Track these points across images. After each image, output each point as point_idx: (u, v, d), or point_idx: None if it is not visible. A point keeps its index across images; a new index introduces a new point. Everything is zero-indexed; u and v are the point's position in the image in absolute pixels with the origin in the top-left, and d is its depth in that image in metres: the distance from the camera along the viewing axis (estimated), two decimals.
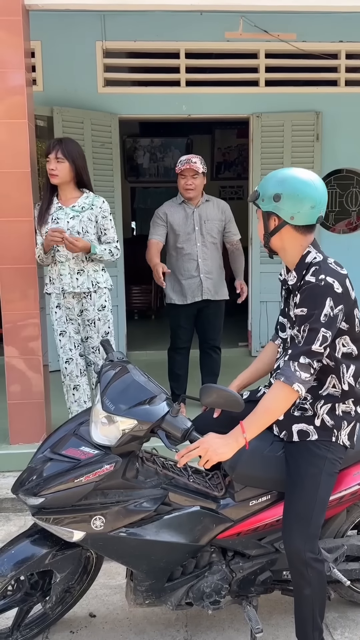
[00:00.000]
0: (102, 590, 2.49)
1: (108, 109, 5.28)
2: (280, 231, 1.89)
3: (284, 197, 1.83)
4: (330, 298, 1.78)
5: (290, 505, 1.91)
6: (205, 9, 3.53)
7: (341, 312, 1.82)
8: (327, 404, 1.94)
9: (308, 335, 1.79)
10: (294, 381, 1.78)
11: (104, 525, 1.87)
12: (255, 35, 4.86)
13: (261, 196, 1.88)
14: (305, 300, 1.82)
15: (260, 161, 5.44)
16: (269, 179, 1.89)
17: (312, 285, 1.81)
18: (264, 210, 1.89)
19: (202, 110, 5.45)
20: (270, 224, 1.89)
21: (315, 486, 1.88)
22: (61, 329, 3.36)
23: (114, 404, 1.84)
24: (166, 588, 2.01)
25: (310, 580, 1.87)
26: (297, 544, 1.85)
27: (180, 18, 4.87)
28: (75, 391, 3.38)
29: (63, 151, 3.17)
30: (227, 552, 2.09)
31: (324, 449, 1.92)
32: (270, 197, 1.85)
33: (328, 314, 1.78)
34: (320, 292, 1.79)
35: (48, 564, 1.98)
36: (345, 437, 1.96)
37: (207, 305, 3.90)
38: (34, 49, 4.93)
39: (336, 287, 1.80)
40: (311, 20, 5.01)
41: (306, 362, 1.79)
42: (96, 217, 3.30)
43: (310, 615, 1.91)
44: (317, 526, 1.89)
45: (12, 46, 3.21)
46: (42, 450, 1.97)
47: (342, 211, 5.89)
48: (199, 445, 1.80)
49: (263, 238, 1.95)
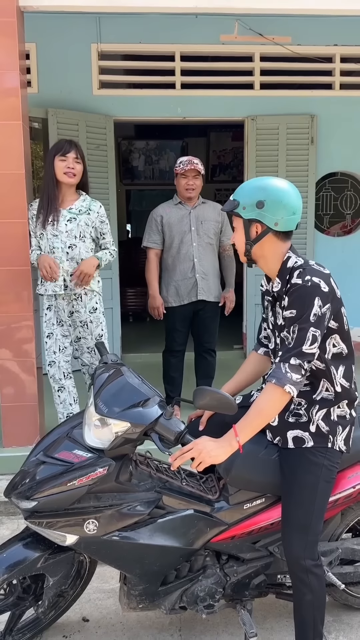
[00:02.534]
0: (96, 594, 2.48)
1: (103, 111, 5.28)
2: (262, 239, 1.89)
3: (267, 203, 1.83)
4: (318, 297, 1.79)
5: (289, 513, 1.90)
6: (201, 12, 3.53)
7: (329, 310, 1.83)
8: (322, 409, 1.93)
9: (298, 336, 1.79)
10: (285, 383, 1.78)
11: (97, 529, 1.85)
12: (250, 38, 4.87)
13: (241, 204, 1.86)
14: (294, 302, 1.82)
15: (256, 164, 5.45)
16: (249, 187, 1.89)
17: (299, 286, 1.82)
18: (246, 218, 1.87)
19: (197, 113, 5.46)
20: (252, 232, 1.89)
21: (313, 494, 1.88)
22: (49, 331, 3.36)
23: (107, 406, 1.83)
24: (160, 592, 2.00)
25: (311, 586, 1.87)
26: (297, 551, 1.85)
27: (176, 21, 4.87)
28: (60, 393, 3.39)
29: (80, 152, 3.22)
30: (221, 556, 2.09)
31: (320, 456, 1.91)
32: (253, 205, 1.85)
33: (317, 314, 1.79)
34: (308, 292, 1.80)
35: (40, 568, 1.96)
36: (341, 442, 1.95)
37: (203, 308, 3.89)
38: (29, 50, 4.92)
39: (322, 286, 1.82)
40: (306, 24, 5.03)
41: (297, 363, 1.78)
42: (93, 222, 3.32)
43: (311, 621, 1.91)
44: (316, 533, 1.89)
45: (7, 48, 3.20)
46: (35, 454, 1.96)
47: (337, 214, 5.90)
48: (192, 447, 1.79)
49: (244, 247, 1.92)
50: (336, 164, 5.66)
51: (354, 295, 5.79)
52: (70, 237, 3.23)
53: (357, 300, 5.75)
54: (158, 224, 3.84)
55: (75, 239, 3.25)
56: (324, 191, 5.80)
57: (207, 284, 3.85)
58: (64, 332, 3.36)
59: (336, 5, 3.42)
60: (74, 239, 3.24)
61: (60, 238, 3.22)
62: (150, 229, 3.88)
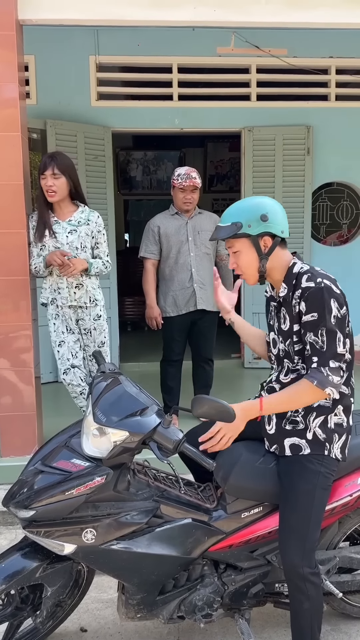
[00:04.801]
0: (94, 604, 2.47)
1: (101, 122, 5.33)
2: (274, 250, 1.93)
3: (270, 215, 1.90)
4: (333, 299, 1.85)
5: (286, 521, 1.91)
6: (198, 25, 3.57)
7: (346, 312, 1.88)
8: (320, 417, 1.95)
9: (329, 339, 1.83)
10: (326, 385, 1.82)
11: (95, 538, 1.86)
12: (246, 50, 4.93)
13: (245, 223, 1.89)
14: (312, 305, 1.85)
15: (252, 174, 5.49)
16: (245, 207, 1.92)
17: (313, 289, 1.85)
18: (255, 235, 1.89)
19: (194, 124, 5.50)
20: (262, 245, 1.92)
21: (310, 501, 1.89)
22: (60, 339, 3.39)
23: (105, 415, 1.84)
24: (158, 601, 1.99)
25: (308, 594, 1.88)
26: (295, 559, 1.86)
27: (173, 33, 4.93)
28: (83, 396, 3.40)
29: (59, 166, 3.23)
30: (219, 565, 2.09)
31: (317, 464, 1.92)
32: (258, 220, 1.89)
33: (336, 316, 1.84)
34: (324, 295, 1.84)
35: (39, 578, 1.96)
36: (338, 451, 1.96)
37: (201, 318, 3.91)
38: (28, 62, 4.97)
39: (334, 289, 1.87)
40: (302, 36, 5.09)
41: (336, 366, 1.83)
42: (92, 232, 3.37)
43: (308, 629, 1.91)
44: (314, 541, 1.90)
45: (6, 60, 3.23)
46: (33, 463, 1.96)
47: (333, 224, 5.94)
48: (219, 427, 1.88)
49: (258, 264, 1.93)
50: (332, 174, 5.71)
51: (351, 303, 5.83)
52: (71, 249, 3.29)
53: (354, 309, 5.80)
54: (155, 234, 3.86)
55: (77, 250, 3.30)
56: (321, 201, 5.84)
57: (206, 293, 3.87)
58: (74, 339, 3.39)
59: (331, 19, 3.47)
60: (75, 250, 3.30)
61: (60, 250, 3.26)
62: (147, 240, 3.90)
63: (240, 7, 3.38)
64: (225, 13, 3.37)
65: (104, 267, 3.41)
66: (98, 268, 3.37)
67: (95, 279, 3.41)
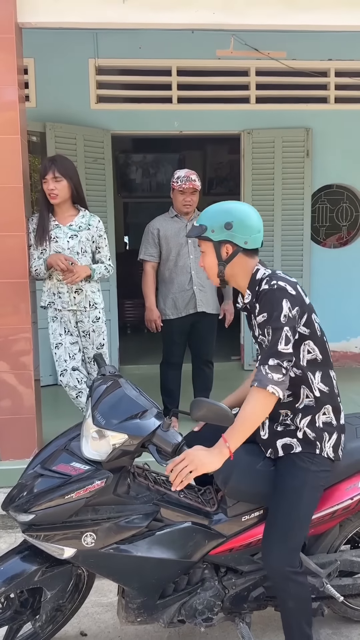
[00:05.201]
0: (94, 608, 2.46)
1: (101, 125, 5.33)
2: (234, 259, 1.95)
3: (235, 224, 1.91)
4: (286, 299, 1.85)
5: (271, 518, 1.92)
6: (197, 28, 3.58)
7: (298, 313, 1.87)
8: (306, 417, 1.97)
9: (272, 336, 1.83)
10: (267, 384, 1.80)
11: (95, 541, 1.85)
12: (246, 53, 4.93)
13: (209, 228, 1.93)
14: (264, 306, 1.88)
15: (252, 177, 5.49)
16: (213, 212, 1.96)
17: (267, 290, 1.88)
18: (216, 241, 1.93)
19: (193, 127, 5.51)
20: (222, 253, 1.95)
21: (297, 499, 1.89)
22: (57, 341, 3.38)
23: (105, 418, 1.83)
24: (158, 605, 1.99)
25: (292, 593, 1.88)
26: (276, 558, 1.86)
27: (172, 36, 4.93)
28: (80, 398, 3.39)
29: (60, 169, 3.24)
30: (220, 569, 2.08)
31: (307, 462, 1.94)
32: (222, 227, 1.92)
33: (287, 315, 1.84)
34: (275, 295, 1.86)
35: (38, 581, 1.95)
36: (330, 449, 1.97)
37: (200, 320, 3.90)
38: (27, 65, 4.97)
39: (289, 289, 1.87)
40: (301, 39, 5.09)
41: (275, 363, 1.81)
42: (93, 236, 3.38)
43: (296, 626, 1.92)
44: (298, 541, 1.90)
45: (5, 63, 3.23)
46: (32, 466, 1.95)
47: (333, 226, 5.94)
48: (185, 456, 1.79)
49: (217, 269, 1.98)
50: (331, 177, 5.71)
51: (350, 305, 5.84)
52: (72, 254, 3.29)
53: (354, 310, 5.80)
54: (155, 236, 3.86)
55: (78, 255, 3.31)
56: (320, 203, 5.84)
57: (205, 296, 3.87)
58: (72, 340, 3.39)
59: (330, 22, 3.47)
60: (76, 255, 3.30)
61: (64, 255, 3.26)
62: (146, 242, 3.90)
63: (239, 10, 3.38)
64: (224, 16, 3.37)
65: (106, 271, 3.43)
66: (101, 273, 3.39)
67: (95, 283, 3.41)
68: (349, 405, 4.40)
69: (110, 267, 3.47)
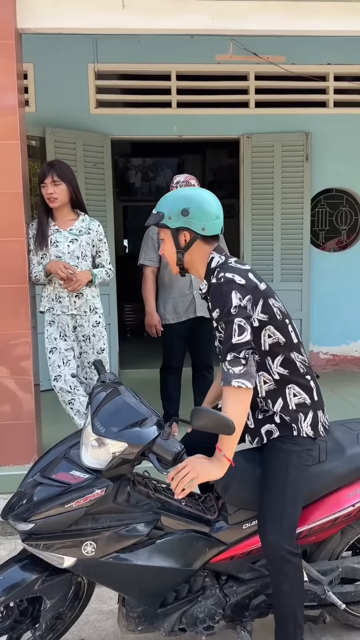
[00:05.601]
0: (94, 615, 2.45)
1: (100, 129, 5.33)
2: (192, 246, 1.94)
3: (192, 211, 1.89)
4: (235, 291, 1.83)
5: (263, 501, 1.92)
6: (196, 33, 3.58)
7: (249, 302, 1.85)
8: (277, 400, 1.96)
9: (226, 331, 1.82)
10: (230, 380, 1.78)
11: (95, 550, 1.84)
12: (245, 57, 4.93)
13: (166, 215, 1.91)
14: (214, 302, 1.87)
15: (251, 181, 5.50)
16: (171, 198, 1.94)
17: (215, 285, 1.87)
18: (174, 228, 1.91)
19: (193, 131, 5.52)
20: (180, 240, 1.93)
21: (284, 479, 1.90)
22: (52, 345, 3.36)
23: (104, 426, 1.82)
24: (159, 614, 1.97)
25: (288, 574, 1.88)
26: (273, 539, 1.86)
27: (171, 41, 4.94)
28: (72, 405, 3.36)
29: (58, 173, 3.24)
30: (221, 576, 2.07)
31: (288, 443, 1.95)
32: (178, 214, 1.90)
33: (237, 305, 1.81)
34: (223, 289, 1.84)
35: (37, 590, 1.94)
36: (308, 428, 1.97)
37: (200, 325, 3.89)
38: (27, 70, 4.98)
39: (237, 279, 1.85)
40: (300, 43, 5.10)
41: (232, 357, 1.80)
42: (93, 240, 3.38)
43: (290, 612, 1.92)
44: (292, 521, 1.90)
45: (5, 68, 3.24)
46: (32, 474, 1.94)
47: (332, 230, 5.94)
48: (186, 464, 1.79)
49: (176, 256, 1.96)
50: (331, 181, 5.72)
51: (350, 309, 5.83)
52: (72, 258, 3.29)
53: (353, 314, 5.80)
54: (154, 241, 3.85)
55: (78, 259, 3.30)
56: (320, 207, 5.84)
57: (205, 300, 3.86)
58: (67, 346, 3.37)
59: (328, 27, 3.48)
60: (77, 259, 3.30)
61: (64, 259, 3.27)
62: (146, 247, 3.89)
63: (239, 16, 3.39)
64: (223, 21, 3.38)
65: (106, 275, 3.43)
66: (101, 278, 3.39)
67: (95, 287, 3.41)
68: (349, 410, 4.41)
69: (110, 271, 3.47)
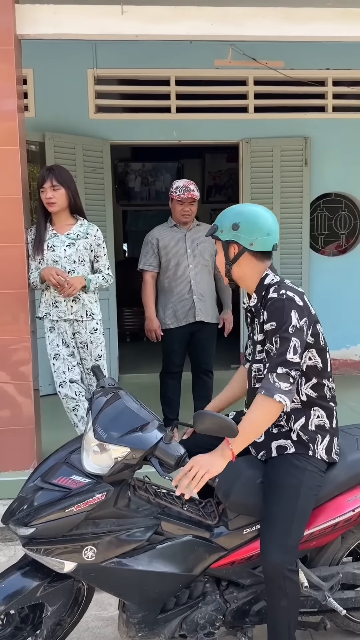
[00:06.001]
0: (94, 622, 2.44)
1: (99, 134, 5.34)
2: (240, 259, 2.00)
3: (242, 225, 1.97)
4: (294, 310, 1.89)
5: (269, 517, 1.90)
6: (195, 39, 3.60)
7: (306, 324, 1.91)
8: (299, 419, 2.00)
9: (281, 345, 1.87)
10: (274, 393, 1.83)
11: (96, 555, 1.83)
12: (244, 63, 4.95)
13: (220, 228, 2.01)
14: (272, 315, 1.91)
15: (250, 185, 5.51)
16: (227, 213, 2.04)
17: (275, 299, 1.92)
18: (224, 240, 2.00)
19: (192, 136, 5.53)
20: (230, 253, 2.01)
21: (295, 497, 1.89)
22: (55, 352, 3.36)
23: (106, 431, 1.82)
24: (159, 620, 1.97)
25: (287, 592, 1.87)
26: (275, 557, 1.85)
27: (171, 46, 4.96)
28: (76, 412, 3.36)
29: (57, 178, 3.25)
30: (221, 582, 2.06)
31: (303, 461, 1.96)
32: (230, 227, 1.98)
33: (295, 325, 1.87)
34: (284, 305, 1.90)
35: (39, 597, 1.93)
36: (323, 451, 1.99)
37: (200, 329, 3.90)
38: (26, 76, 4.99)
39: (297, 300, 1.92)
40: (298, 49, 5.12)
41: (283, 372, 1.85)
42: (91, 245, 3.37)
43: (285, 627, 1.92)
44: (296, 539, 1.89)
45: (4, 74, 3.25)
46: (32, 479, 1.94)
47: (332, 234, 5.96)
48: (192, 464, 1.80)
49: (224, 267, 2.05)
50: (330, 185, 5.73)
51: (349, 313, 5.83)
52: (69, 262, 3.28)
53: (353, 318, 5.80)
54: (154, 246, 3.86)
55: (75, 264, 3.29)
56: (319, 211, 5.86)
57: (205, 305, 3.87)
58: (69, 352, 3.37)
59: (326, 32, 3.50)
60: (73, 264, 3.29)
61: (60, 264, 3.27)
62: (146, 252, 3.90)
63: (237, 21, 3.41)
64: (222, 27, 3.40)
65: (104, 281, 3.39)
66: (98, 283, 3.36)
67: (93, 292, 3.39)
68: (348, 414, 4.41)
69: (109, 277, 3.44)
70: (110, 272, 3.48)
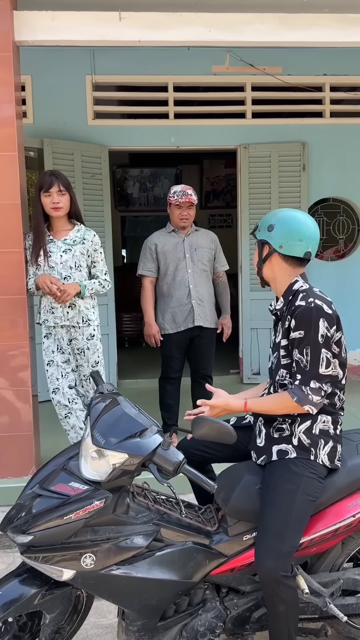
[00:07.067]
0: (93, 630, 2.42)
1: (98, 140, 5.35)
2: (271, 260, 2.04)
3: (276, 227, 2.02)
4: (323, 319, 1.90)
5: (265, 522, 1.89)
6: (193, 45, 3.62)
7: (335, 332, 1.94)
8: (304, 423, 1.99)
9: (312, 358, 1.89)
10: (305, 404, 1.89)
11: (95, 563, 1.82)
12: (241, 69, 4.97)
13: (259, 227, 2.08)
14: (300, 323, 1.92)
15: (249, 191, 5.52)
16: (269, 214, 2.10)
17: (303, 308, 1.92)
18: (259, 239, 2.06)
19: (190, 142, 5.54)
20: (263, 252, 2.07)
21: (291, 502, 1.88)
22: (49, 358, 3.35)
23: (104, 437, 1.81)
24: (159, 627, 1.95)
25: (283, 597, 1.86)
26: (269, 563, 1.84)
27: (169, 53, 4.98)
28: (68, 419, 3.34)
29: (63, 183, 3.24)
30: (221, 589, 2.05)
31: (302, 467, 1.94)
32: (266, 227, 2.04)
33: (324, 335, 1.89)
34: (312, 314, 1.91)
35: (37, 605, 1.91)
36: (325, 457, 1.98)
37: (199, 334, 3.89)
38: (25, 82, 5.01)
39: (326, 309, 1.93)
40: (296, 54, 5.14)
41: (317, 387, 1.89)
42: (88, 250, 3.35)
43: (285, 631, 1.91)
44: (292, 545, 1.89)
45: (3, 80, 3.26)
46: (30, 486, 1.92)
47: (330, 239, 5.96)
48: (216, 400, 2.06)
49: (257, 265, 2.11)
50: (328, 190, 5.74)
51: (348, 318, 5.81)
52: (65, 268, 3.27)
53: (352, 323, 5.78)
54: (152, 252, 3.86)
55: (71, 270, 3.28)
56: (317, 217, 5.86)
57: (204, 310, 3.87)
58: (64, 359, 3.35)
59: (324, 38, 3.52)
60: (70, 269, 3.27)
61: (57, 270, 3.26)
62: (144, 257, 3.90)
63: (235, 28, 3.42)
64: (220, 33, 3.42)
65: (100, 286, 3.37)
66: (93, 289, 3.33)
67: (90, 298, 3.37)
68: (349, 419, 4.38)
69: (106, 282, 3.41)
70: (108, 277, 3.45)
